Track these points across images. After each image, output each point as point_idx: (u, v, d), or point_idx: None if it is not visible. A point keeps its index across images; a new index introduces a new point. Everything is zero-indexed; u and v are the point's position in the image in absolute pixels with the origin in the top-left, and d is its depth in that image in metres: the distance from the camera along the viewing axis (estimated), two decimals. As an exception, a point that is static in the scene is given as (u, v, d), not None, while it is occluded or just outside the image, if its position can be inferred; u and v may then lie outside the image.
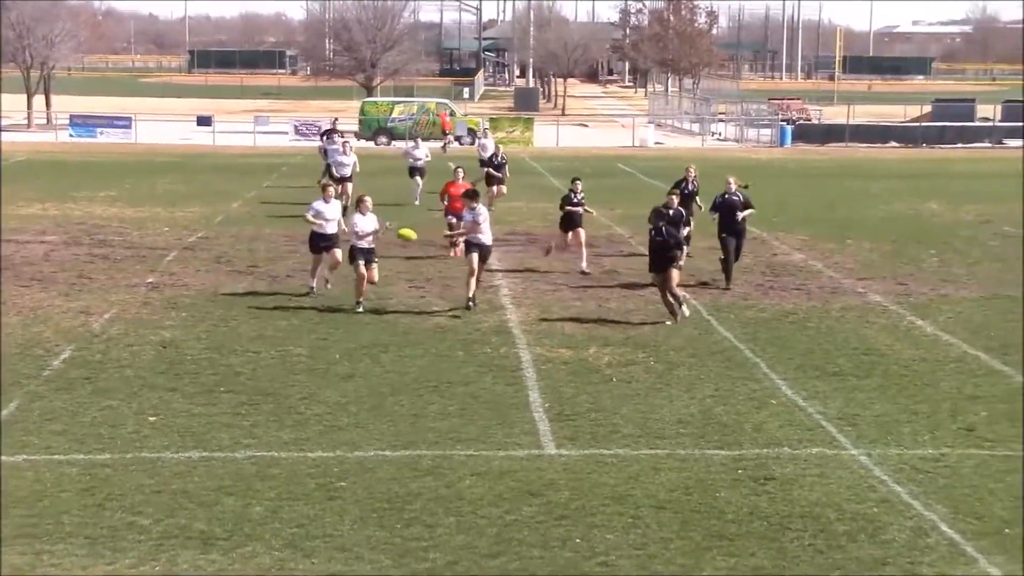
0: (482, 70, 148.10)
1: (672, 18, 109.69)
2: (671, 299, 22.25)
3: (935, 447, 15.48)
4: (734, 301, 24.25)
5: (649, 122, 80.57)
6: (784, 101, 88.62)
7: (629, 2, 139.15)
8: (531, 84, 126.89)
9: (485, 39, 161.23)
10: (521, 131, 70.16)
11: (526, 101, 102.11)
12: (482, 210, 23.27)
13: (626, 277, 26.66)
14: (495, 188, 37.28)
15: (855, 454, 15.17)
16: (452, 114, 69.57)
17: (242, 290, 24.91)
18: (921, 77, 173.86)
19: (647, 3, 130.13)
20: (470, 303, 23.02)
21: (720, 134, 76.47)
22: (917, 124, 76.35)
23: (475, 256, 22.90)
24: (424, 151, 40.00)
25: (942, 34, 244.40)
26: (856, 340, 21.18)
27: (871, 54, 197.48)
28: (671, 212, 23.97)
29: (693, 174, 29.08)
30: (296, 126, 69.78)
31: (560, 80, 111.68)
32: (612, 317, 22.66)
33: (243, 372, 18.60)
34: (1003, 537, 12.63)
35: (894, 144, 71.10)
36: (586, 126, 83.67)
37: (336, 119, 51.72)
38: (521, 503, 13.33)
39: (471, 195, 23.64)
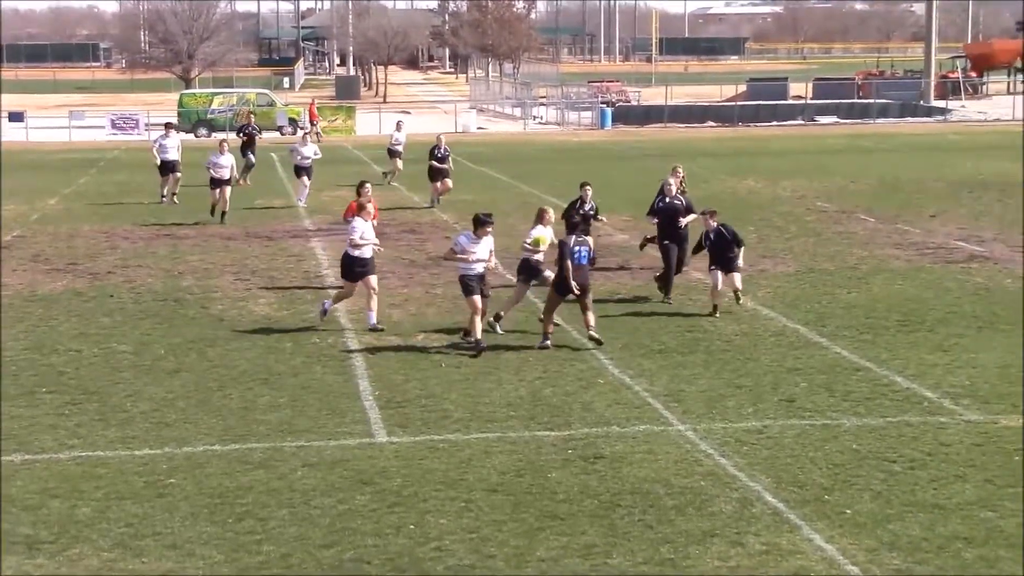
0: (302, 59, 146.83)
1: (490, 3, 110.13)
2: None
3: (758, 419, 15.85)
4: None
5: (471, 107, 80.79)
6: (604, 84, 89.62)
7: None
8: (351, 72, 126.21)
9: (304, 28, 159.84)
10: (343, 120, 69.84)
11: (347, 89, 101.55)
12: (488, 239, 19.56)
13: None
14: (440, 183, 36.38)
15: (682, 429, 15.45)
16: (272, 104, 68.90)
17: (62, 288, 24.41)
18: (735, 57, 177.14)
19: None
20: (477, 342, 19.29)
21: (541, 118, 77.03)
22: (733, 104, 77.84)
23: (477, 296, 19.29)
24: (312, 149, 36.98)
25: (754, 15, 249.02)
26: (680, 318, 21.54)
27: (687, 35, 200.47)
28: (712, 236, 21.73)
29: (681, 175, 24.98)
30: (113, 120, 68.42)
31: (381, 68, 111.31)
32: (439, 303, 22.72)
33: (66, 371, 18.24)
34: (823, 503, 12.99)
35: (711, 123, 72.39)
36: (408, 113, 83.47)
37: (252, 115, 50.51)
38: (354, 492, 13.31)
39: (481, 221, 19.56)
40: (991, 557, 11.67)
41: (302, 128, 55.47)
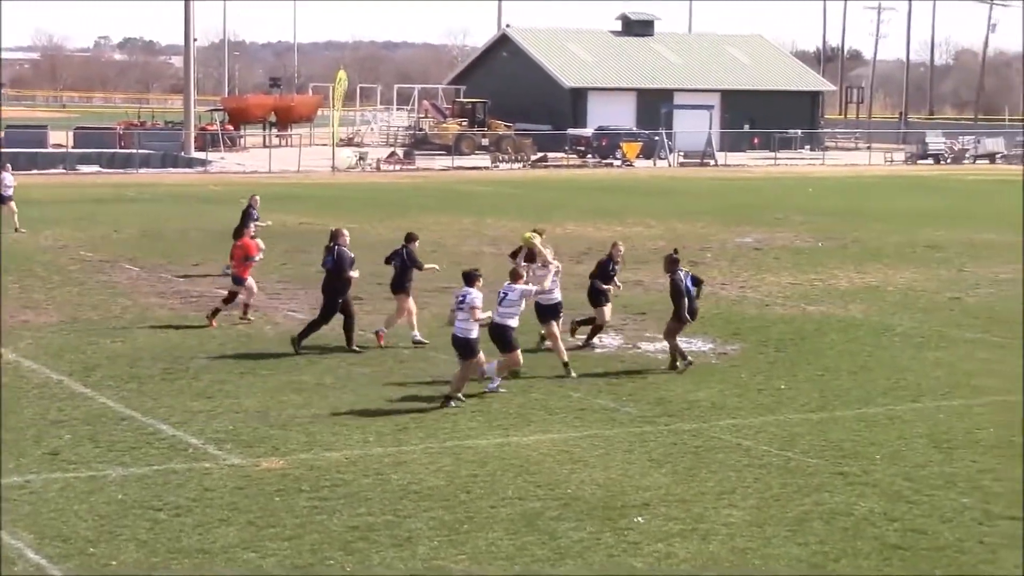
0: None
1: None
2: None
3: (20, 474, 15.44)
4: None
5: None
6: None
7: None
8: None
9: None
10: None
11: None
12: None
13: None
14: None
15: (-62, 490, 14.76)
16: None
17: None
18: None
19: None
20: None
21: None
22: (-11, 150, 75.29)
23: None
24: (11, 179, 39.70)
25: (11, 60, 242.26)
26: (-66, 373, 20.56)
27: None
28: None
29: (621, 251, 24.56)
30: None
31: None
32: None
33: None
34: (88, 556, 12.86)
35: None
36: None
37: None
38: None
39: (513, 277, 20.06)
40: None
41: None
